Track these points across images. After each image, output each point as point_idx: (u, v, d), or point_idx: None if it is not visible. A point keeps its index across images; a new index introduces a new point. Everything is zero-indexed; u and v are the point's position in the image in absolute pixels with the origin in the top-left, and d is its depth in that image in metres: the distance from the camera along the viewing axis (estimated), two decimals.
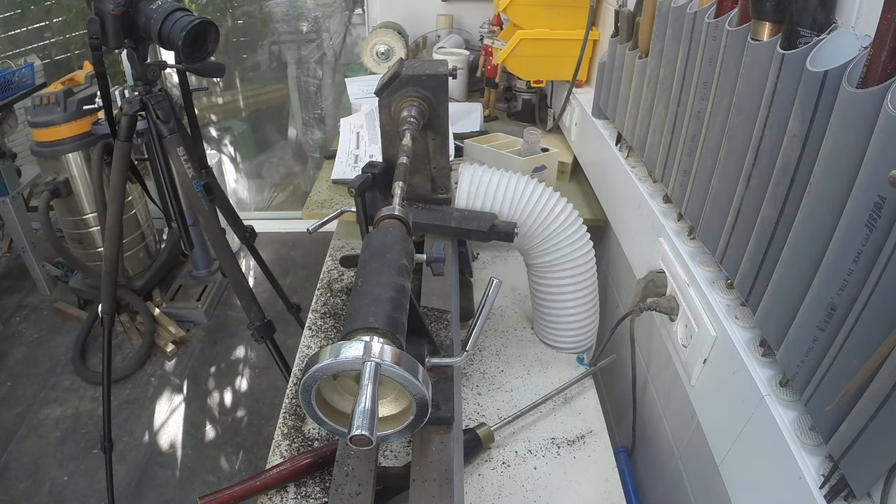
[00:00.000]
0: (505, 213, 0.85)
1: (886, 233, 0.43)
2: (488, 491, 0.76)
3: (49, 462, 1.87)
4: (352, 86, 1.74)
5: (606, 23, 1.34)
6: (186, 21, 1.16)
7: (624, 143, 1.09)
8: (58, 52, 2.86)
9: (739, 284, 0.66)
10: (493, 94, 1.82)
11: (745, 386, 0.61)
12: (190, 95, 1.44)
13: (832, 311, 0.49)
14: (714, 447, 0.69)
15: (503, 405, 0.88)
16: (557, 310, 0.92)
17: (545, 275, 0.89)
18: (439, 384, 0.69)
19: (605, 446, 0.83)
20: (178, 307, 2.39)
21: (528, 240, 0.86)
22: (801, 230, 0.54)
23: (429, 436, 0.65)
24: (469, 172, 0.86)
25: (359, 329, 0.49)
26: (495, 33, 1.73)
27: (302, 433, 0.83)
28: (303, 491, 0.75)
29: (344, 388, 0.54)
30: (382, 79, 0.81)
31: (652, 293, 0.84)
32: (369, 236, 0.61)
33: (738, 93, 0.64)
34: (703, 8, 0.73)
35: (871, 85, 0.45)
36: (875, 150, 0.44)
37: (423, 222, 0.85)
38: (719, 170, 0.70)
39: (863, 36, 0.50)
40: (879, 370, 0.42)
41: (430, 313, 0.77)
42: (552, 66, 1.46)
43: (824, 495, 0.49)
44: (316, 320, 1.04)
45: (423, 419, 0.51)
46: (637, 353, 0.99)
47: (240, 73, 3.16)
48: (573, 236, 0.85)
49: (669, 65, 0.84)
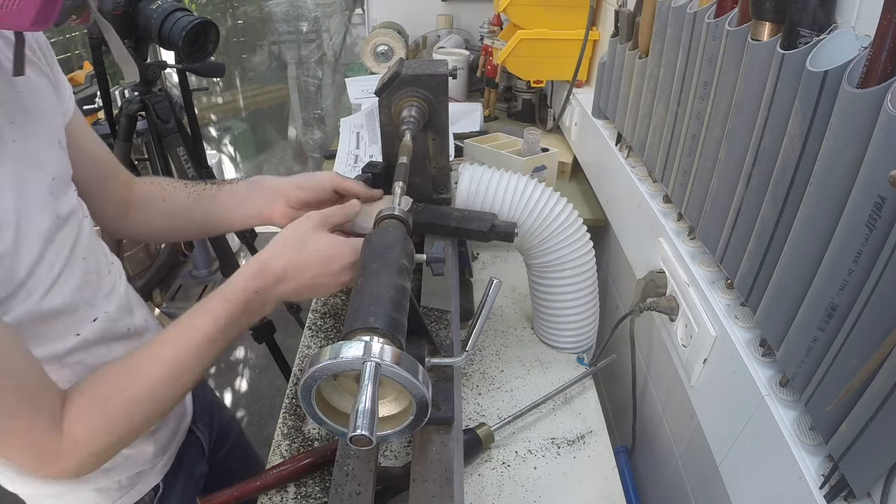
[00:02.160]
0: (505, 213, 0.85)
1: (886, 233, 0.43)
2: (488, 491, 0.76)
3: None
4: (352, 86, 1.74)
5: (606, 23, 1.34)
6: (186, 21, 1.16)
7: (624, 143, 1.09)
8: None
9: (739, 284, 0.66)
10: (493, 94, 1.82)
11: (745, 386, 0.61)
12: (190, 95, 1.44)
13: (832, 311, 0.49)
14: (714, 447, 0.69)
15: (503, 405, 0.88)
16: (557, 310, 0.92)
17: (545, 275, 0.89)
18: (439, 384, 0.69)
19: (605, 446, 0.83)
20: (178, 307, 2.40)
21: (528, 240, 0.86)
22: (801, 230, 0.54)
23: (429, 436, 0.65)
24: (469, 172, 0.86)
25: (359, 329, 0.49)
26: (495, 33, 1.73)
27: (302, 433, 0.83)
28: (303, 491, 0.75)
29: (344, 388, 0.54)
30: (382, 79, 0.81)
31: (652, 293, 0.84)
32: (369, 236, 0.61)
33: (738, 93, 0.64)
34: (703, 8, 0.73)
35: (871, 85, 0.45)
36: (875, 150, 0.44)
37: (423, 222, 0.85)
38: (719, 170, 0.70)
39: (863, 36, 0.50)
40: (879, 370, 0.42)
41: (430, 313, 0.77)
42: (552, 66, 1.46)
43: (824, 495, 0.49)
44: (316, 320, 1.04)
45: (423, 419, 0.52)
46: (637, 353, 0.99)
47: (240, 73, 3.16)
48: (573, 236, 0.85)
49: (669, 65, 0.84)
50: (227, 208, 0.76)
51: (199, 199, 0.77)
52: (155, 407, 0.56)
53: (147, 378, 0.55)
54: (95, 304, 0.64)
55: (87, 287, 0.62)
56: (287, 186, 0.74)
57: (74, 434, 0.52)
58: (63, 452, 0.51)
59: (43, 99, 0.59)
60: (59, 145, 0.61)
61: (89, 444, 0.53)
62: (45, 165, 0.57)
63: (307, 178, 0.75)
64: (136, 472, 0.75)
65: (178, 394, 0.58)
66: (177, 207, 0.77)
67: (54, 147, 0.60)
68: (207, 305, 0.58)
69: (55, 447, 0.51)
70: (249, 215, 0.75)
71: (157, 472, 0.78)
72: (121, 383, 0.55)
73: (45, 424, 0.50)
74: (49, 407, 0.51)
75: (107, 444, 0.54)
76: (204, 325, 0.57)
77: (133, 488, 0.75)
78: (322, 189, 0.74)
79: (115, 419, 0.54)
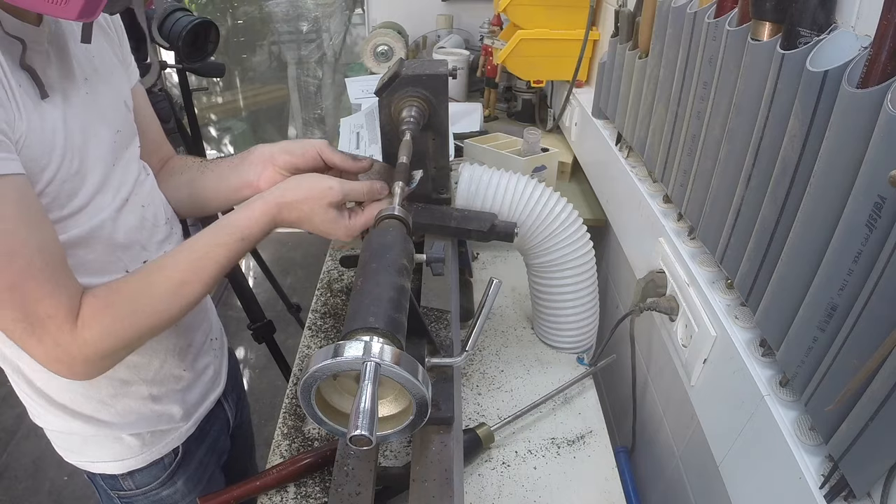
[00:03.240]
0: (505, 213, 0.85)
1: (886, 233, 0.43)
2: (488, 491, 0.76)
3: (49, 462, 1.87)
4: (352, 86, 1.74)
5: (606, 23, 1.34)
6: (186, 21, 1.16)
7: (624, 143, 1.09)
8: None
9: (739, 284, 0.66)
10: (493, 94, 1.82)
11: (745, 386, 0.61)
12: (190, 95, 1.44)
13: (832, 311, 0.49)
14: (714, 447, 0.69)
15: (503, 405, 0.88)
16: (557, 310, 0.92)
17: (545, 275, 0.89)
18: (439, 384, 0.69)
19: (605, 446, 0.83)
20: None
21: (528, 239, 0.86)
22: (801, 230, 0.54)
23: (429, 436, 0.65)
24: (469, 172, 0.86)
25: (358, 329, 0.49)
26: (495, 33, 1.73)
27: (302, 433, 0.83)
28: (303, 491, 0.75)
29: (344, 388, 0.54)
30: (382, 79, 0.81)
31: (652, 293, 0.84)
32: (369, 236, 0.61)
33: (738, 93, 0.64)
34: (703, 8, 0.73)
35: (871, 85, 0.45)
36: (875, 150, 0.44)
37: (423, 222, 0.85)
38: (719, 170, 0.70)
39: (863, 36, 0.50)
40: (879, 370, 0.42)
41: (430, 313, 0.77)
42: (552, 66, 1.46)
43: (824, 495, 0.49)
44: (316, 320, 1.04)
45: (423, 419, 0.51)
46: (637, 353, 0.99)
47: (240, 73, 3.16)
48: (573, 236, 0.85)
49: (669, 65, 0.84)
50: (221, 178, 0.78)
51: (203, 171, 0.80)
52: (160, 318, 0.61)
53: (156, 289, 0.60)
54: (148, 248, 0.70)
55: (142, 230, 0.69)
56: (276, 151, 0.76)
57: (85, 333, 0.55)
58: (75, 346, 0.55)
59: (112, 66, 0.69)
60: (125, 106, 0.70)
61: (99, 342, 0.56)
62: (111, 120, 0.66)
63: (297, 143, 0.77)
64: (161, 430, 0.79)
65: (182, 308, 0.62)
66: (187, 180, 0.80)
67: (120, 107, 0.69)
68: (222, 238, 0.63)
69: (67, 339, 0.55)
70: (241, 184, 0.77)
71: (179, 435, 0.82)
72: (132, 291, 0.59)
73: (62, 316, 0.54)
74: (68, 301, 0.55)
75: (113, 346, 0.58)
76: (216, 255, 0.62)
77: (154, 446, 0.79)
78: (311, 156, 0.75)
79: (123, 323, 0.58)
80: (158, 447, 0.79)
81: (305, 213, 0.65)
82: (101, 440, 0.76)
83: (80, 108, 0.61)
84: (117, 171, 0.66)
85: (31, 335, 0.54)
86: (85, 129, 0.61)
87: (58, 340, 0.54)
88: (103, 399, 0.72)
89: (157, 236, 0.72)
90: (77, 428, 0.74)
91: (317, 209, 0.65)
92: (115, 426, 0.75)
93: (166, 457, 0.81)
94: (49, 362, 0.56)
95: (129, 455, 0.78)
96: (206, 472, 0.89)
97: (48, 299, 0.53)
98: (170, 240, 0.75)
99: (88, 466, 0.79)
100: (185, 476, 0.84)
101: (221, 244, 0.62)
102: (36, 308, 0.53)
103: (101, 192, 0.63)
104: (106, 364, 0.59)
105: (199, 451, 0.86)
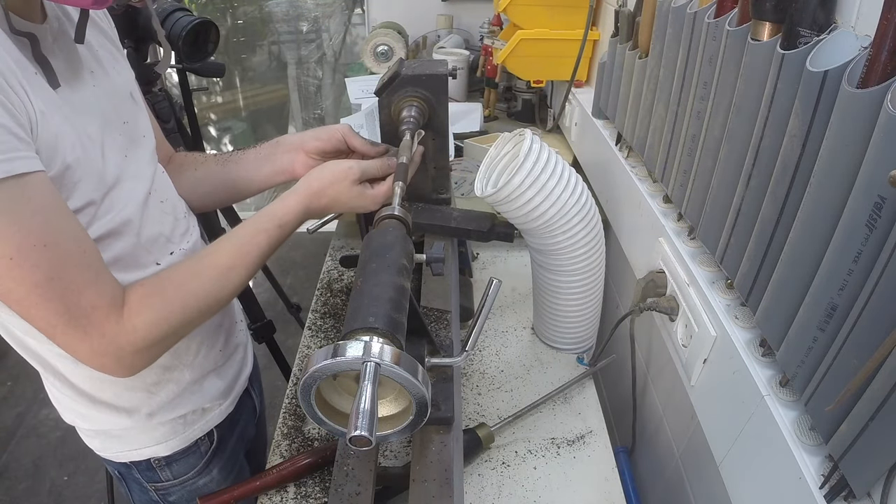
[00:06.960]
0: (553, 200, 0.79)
1: (886, 233, 0.43)
2: (488, 491, 0.76)
3: (49, 462, 1.87)
4: (352, 86, 1.74)
5: (606, 23, 1.34)
6: (186, 21, 1.16)
7: (624, 143, 1.09)
8: None
9: (739, 284, 0.66)
10: (493, 94, 1.81)
11: (745, 386, 0.61)
12: (190, 95, 1.44)
13: (832, 311, 0.49)
14: (714, 447, 0.69)
15: (503, 405, 0.88)
16: (561, 309, 0.92)
17: (555, 272, 0.89)
18: (439, 384, 0.69)
19: (605, 446, 0.83)
20: None
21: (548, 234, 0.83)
22: (801, 230, 0.54)
23: (429, 436, 0.65)
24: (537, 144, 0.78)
25: (358, 329, 0.49)
26: (495, 33, 1.73)
27: (302, 433, 0.83)
28: (303, 491, 0.75)
29: (344, 388, 0.54)
30: (382, 79, 0.81)
31: (652, 293, 0.84)
32: (369, 236, 0.61)
33: (738, 93, 0.64)
34: (703, 8, 0.73)
35: (871, 85, 0.44)
36: (875, 150, 0.44)
37: (423, 222, 0.85)
38: (719, 170, 0.70)
39: (863, 36, 0.49)
40: (879, 370, 0.42)
41: (430, 313, 0.77)
42: (552, 66, 1.46)
43: (824, 495, 0.49)
44: (316, 320, 1.04)
45: (422, 419, 0.52)
46: (637, 353, 0.99)
47: (240, 73, 3.16)
48: (593, 234, 0.85)
49: (669, 65, 0.84)
50: (254, 168, 0.82)
51: (226, 164, 0.83)
52: (208, 302, 0.62)
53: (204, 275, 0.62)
54: (173, 240, 0.72)
55: (164, 223, 0.71)
56: (305, 138, 0.82)
57: (134, 320, 0.55)
58: (124, 335, 0.55)
59: (113, 60, 0.70)
60: (131, 97, 0.71)
61: (151, 327, 0.56)
62: (118, 111, 0.67)
63: (324, 130, 0.82)
64: (202, 409, 0.81)
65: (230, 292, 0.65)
66: (206, 174, 0.83)
67: (126, 99, 0.70)
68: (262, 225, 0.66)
69: (115, 330, 0.54)
70: (275, 171, 0.81)
71: (220, 412, 0.84)
72: (180, 277, 0.61)
73: (106, 306, 0.54)
74: (111, 290, 0.55)
75: (164, 333, 0.58)
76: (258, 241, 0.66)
77: (195, 425, 0.81)
78: (337, 139, 0.80)
79: (174, 307, 0.59)
80: (200, 425, 0.81)
81: (333, 195, 0.70)
82: (143, 428, 0.76)
83: (93, 98, 0.62)
84: (131, 163, 0.67)
85: (76, 328, 0.52)
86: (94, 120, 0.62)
87: (104, 331, 0.53)
88: (148, 388, 0.73)
89: (179, 229, 0.74)
90: (120, 422, 0.74)
91: (342, 189, 0.70)
92: (159, 412, 0.75)
93: (203, 444, 0.82)
94: (94, 357, 0.55)
95: (173, 435, 0.78)
96: (237, 462, 0.91)
97: (91, 288, 0.52)
98: (190, 232, 0.76)
99: (130, 456, 0.78)
100: (220, 464, 0.86)
101: (262, 230, 0.66)
102: (79, 299, 0.51)
103: (118, 185, 0.63)
104: (154, 354, 0.59)
105: (231, 437, 0.88)
